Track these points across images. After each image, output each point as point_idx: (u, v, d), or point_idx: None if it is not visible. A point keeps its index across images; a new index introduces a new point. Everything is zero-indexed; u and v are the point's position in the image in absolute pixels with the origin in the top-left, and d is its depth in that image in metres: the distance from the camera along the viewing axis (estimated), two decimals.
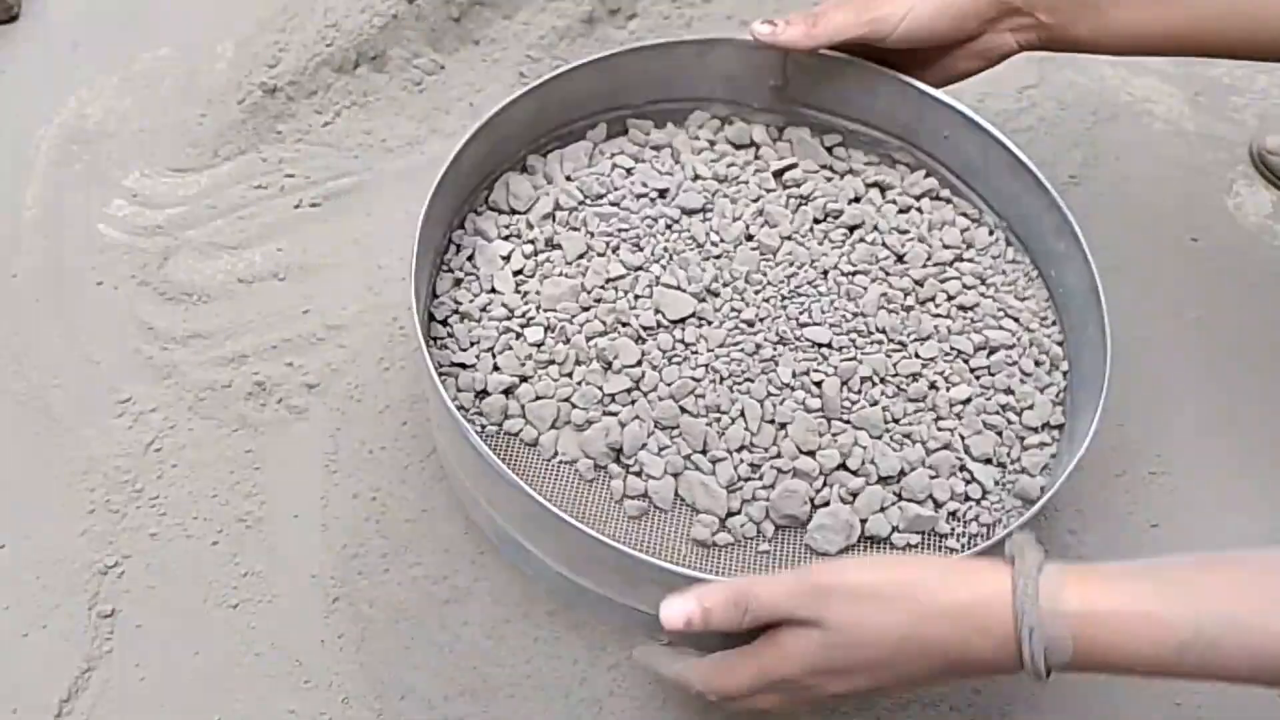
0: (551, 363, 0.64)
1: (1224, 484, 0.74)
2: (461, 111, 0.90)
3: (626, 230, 0.69)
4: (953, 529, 0.63)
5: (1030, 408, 0.66)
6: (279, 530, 0.68)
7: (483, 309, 0.67)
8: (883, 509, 0.62)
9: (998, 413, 0.65)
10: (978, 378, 0.66)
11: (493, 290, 0.68)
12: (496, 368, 0.65)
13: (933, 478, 0.62)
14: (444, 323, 0.67)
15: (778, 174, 0.73)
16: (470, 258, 0.69)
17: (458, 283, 0.68)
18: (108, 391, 0.73)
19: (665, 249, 0.69)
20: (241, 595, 0.66)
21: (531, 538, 0.60)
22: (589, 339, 0.65)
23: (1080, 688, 0.67)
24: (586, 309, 0.66)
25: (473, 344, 0.65)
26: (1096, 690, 0.67)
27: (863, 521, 0.61)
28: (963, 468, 0.64)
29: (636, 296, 0.66)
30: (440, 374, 0.62)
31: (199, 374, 0.74)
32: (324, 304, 0.78)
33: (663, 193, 0.71)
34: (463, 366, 0.65)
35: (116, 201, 0.83)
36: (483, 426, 0.64)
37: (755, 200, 0.72)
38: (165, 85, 0.89)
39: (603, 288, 0.67)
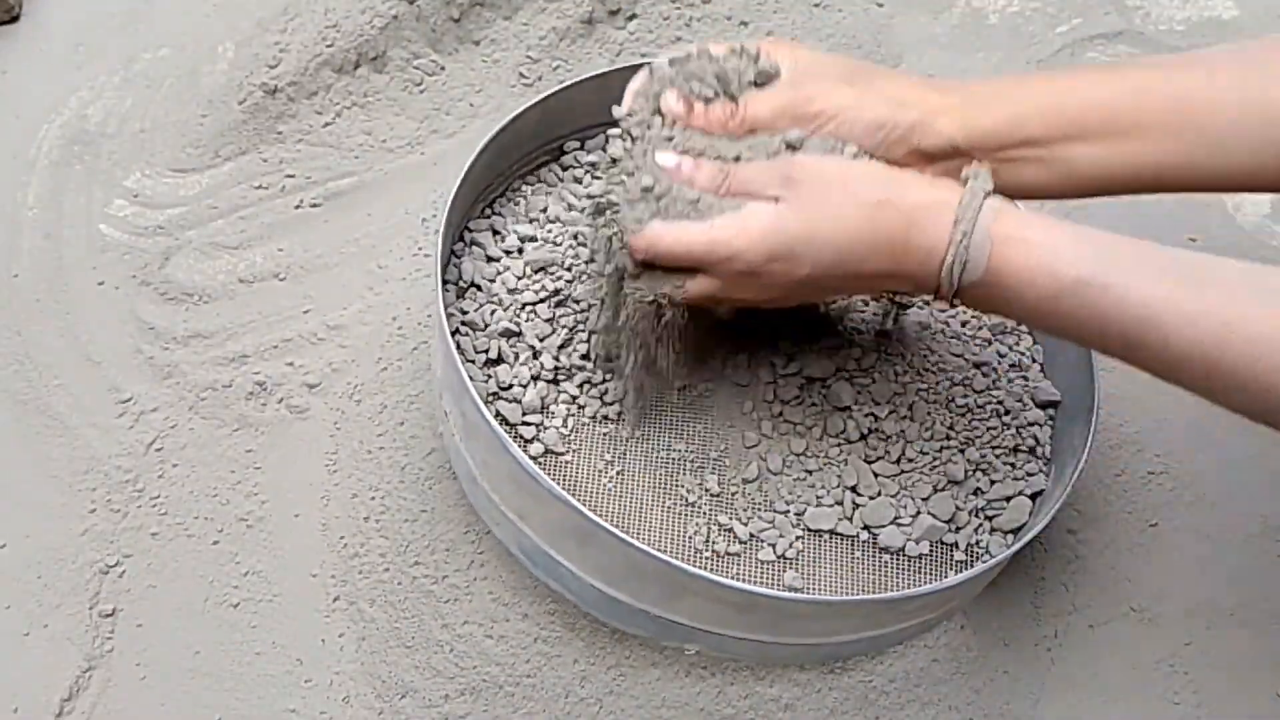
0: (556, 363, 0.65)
1: (1223, 484, 0.74)
2: (461, 112, 0.90)
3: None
4: (956, 541, 0.63)
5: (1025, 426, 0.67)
6: (279, 530, 0.69)
7: (485, 321, 0.66)
8: (895, 522, 0.63)
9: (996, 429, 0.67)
10: (973, 393, 0.68)
11: (496, 302, 0.67)
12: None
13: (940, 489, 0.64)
14: (453, 333, 0.66)
15: None
16: (470, 271, 0.69)
17: (461, 294, 0.68)
18: (108, 391, 0.73)
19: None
20: (242, 595, 0.66)
21: (567, 553, 0.60)
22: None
23: (1080, 687, 0.67)
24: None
25: (480, 351, 0.65)
26: (1096, 689, 0.67)
27: (880, 527, 0.62)
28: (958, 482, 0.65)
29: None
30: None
31: (200, 374, 0.74)
32: (324, 304, 0.78)
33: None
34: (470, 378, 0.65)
35: (117, 201, 0.83)
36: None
37: None
38: (166, 85, 0.89)
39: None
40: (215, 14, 0.93)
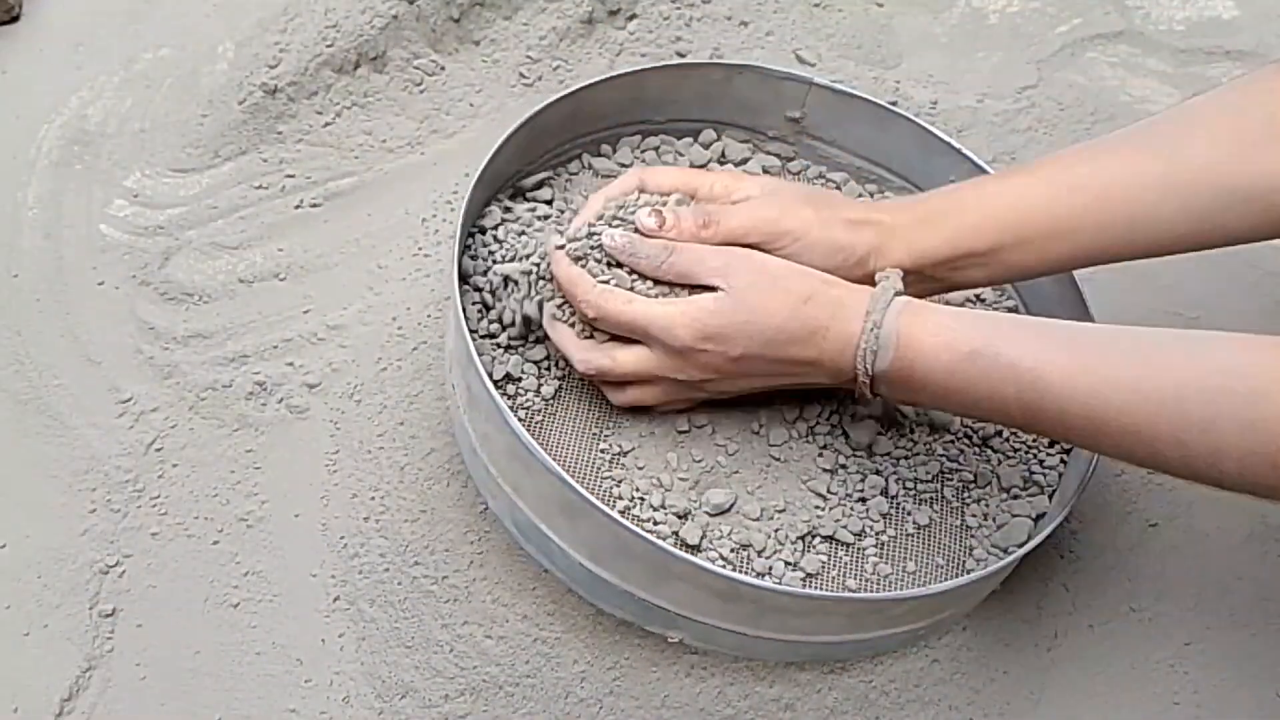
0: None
1: None
2: (461, 112, 0.90)
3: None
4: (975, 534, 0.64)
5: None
6: (279, 530, 0.69)
7: (500, 302, 0.67)
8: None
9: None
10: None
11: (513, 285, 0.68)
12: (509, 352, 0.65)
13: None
14: (465, 310, 0.66)
15: None
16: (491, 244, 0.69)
17: (473, 258, 0.69)
18: (108, 391, 0.73)
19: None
20: (242, 595, 0.66)
21: (557, 528, 0.60)
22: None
23: (1080, 687, 0.67)
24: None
25: (492, 334, 0.65)
26: (1096, 689, 0.67)
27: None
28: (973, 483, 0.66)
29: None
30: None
31: (200, 374, 0.74)
32: (324, 304, 0.78)
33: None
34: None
35: (117, 201, 0.83)
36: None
37: None
38: (166, 85, 0.89)
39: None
40: (215, 14, 0.93)
